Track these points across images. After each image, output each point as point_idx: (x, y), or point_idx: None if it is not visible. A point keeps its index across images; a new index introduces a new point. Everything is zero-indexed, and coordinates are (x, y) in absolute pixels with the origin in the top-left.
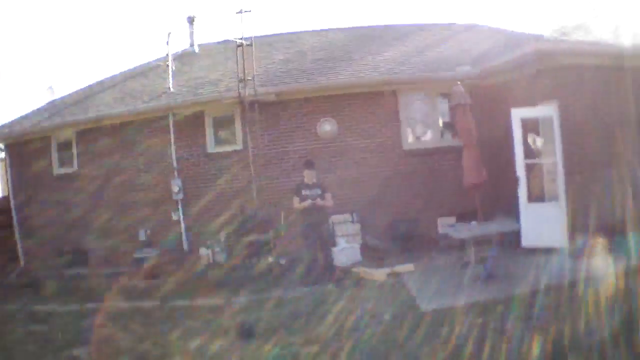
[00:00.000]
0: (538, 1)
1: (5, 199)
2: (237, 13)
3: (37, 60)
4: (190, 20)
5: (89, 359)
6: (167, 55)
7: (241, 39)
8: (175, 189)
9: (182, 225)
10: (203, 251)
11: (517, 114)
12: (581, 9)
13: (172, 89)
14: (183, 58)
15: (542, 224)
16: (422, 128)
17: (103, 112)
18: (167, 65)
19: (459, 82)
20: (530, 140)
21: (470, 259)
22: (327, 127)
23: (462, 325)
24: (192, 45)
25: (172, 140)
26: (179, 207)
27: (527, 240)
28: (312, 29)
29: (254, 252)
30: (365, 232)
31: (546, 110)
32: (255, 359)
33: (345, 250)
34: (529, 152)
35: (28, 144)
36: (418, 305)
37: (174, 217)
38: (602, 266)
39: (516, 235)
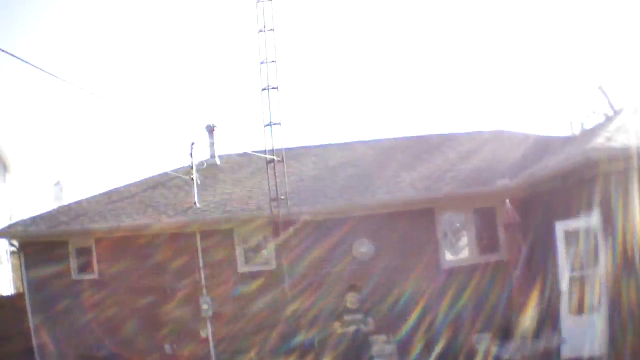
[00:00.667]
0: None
1: (20, 296)
2: (265, 126)
3: (44, 153)
4: (210, 130)
5: None
6: (192, 167)
7: (271, 152)
8: (205, 306)
9: (211, 342)
10: None
11: (561, 227)
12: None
13: (197, 205)
14: (204, 170)
15: (584, 335)
16: (459, 245)
17: (125, 223)
18: (191, 178)
19: (507, 201)
20: None
21: None
22: (362, 249)
23: None
24: (212, 156)
25: (200, 257)
26: (208, 324)
27: (568, 352)
28: (338, 142)
29: None
30: (401, 351)
31: (590, 220)
32: None
33: None
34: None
35: (44, 245)
36: None
37: (203, 334)
38: None
39: (558, 347)
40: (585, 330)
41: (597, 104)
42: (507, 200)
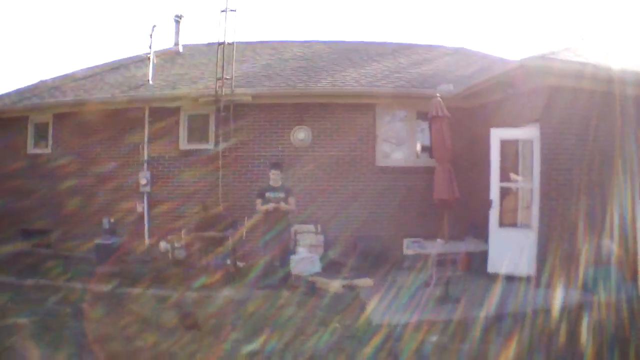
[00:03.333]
0: (523, 28)
1: None
2: (221, 12)
3: (30, 50)
4: (177, 19)
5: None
6: (150, 47)
7: (223, 38)
8: (143, 181)
9: (146, 217)
10: (163, 245)
11: (497, 134)
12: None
13: (151, 82)
14: (166, 55)
15: (511, 250)
16: (397, 145)
17: (80, 97)
18: (148, 57)
19: (438, 95)
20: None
21: (431, 278)
22: (301, 135)
23: (412, 341)
24: (176, 44)
25: (146, 132)
26: (145, 199)
27: (494, 266)
28: (297, 40)
29: (212, 251)
30: (328, 244)
31: (527, 132)
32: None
33: (305, 260)
34: (505, 175)
35: (6, 121)
36: (370, 318)
37: (139, 209)
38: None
39: (483, 260)
40: (514, 244)
41: None
42: (438, 95)
